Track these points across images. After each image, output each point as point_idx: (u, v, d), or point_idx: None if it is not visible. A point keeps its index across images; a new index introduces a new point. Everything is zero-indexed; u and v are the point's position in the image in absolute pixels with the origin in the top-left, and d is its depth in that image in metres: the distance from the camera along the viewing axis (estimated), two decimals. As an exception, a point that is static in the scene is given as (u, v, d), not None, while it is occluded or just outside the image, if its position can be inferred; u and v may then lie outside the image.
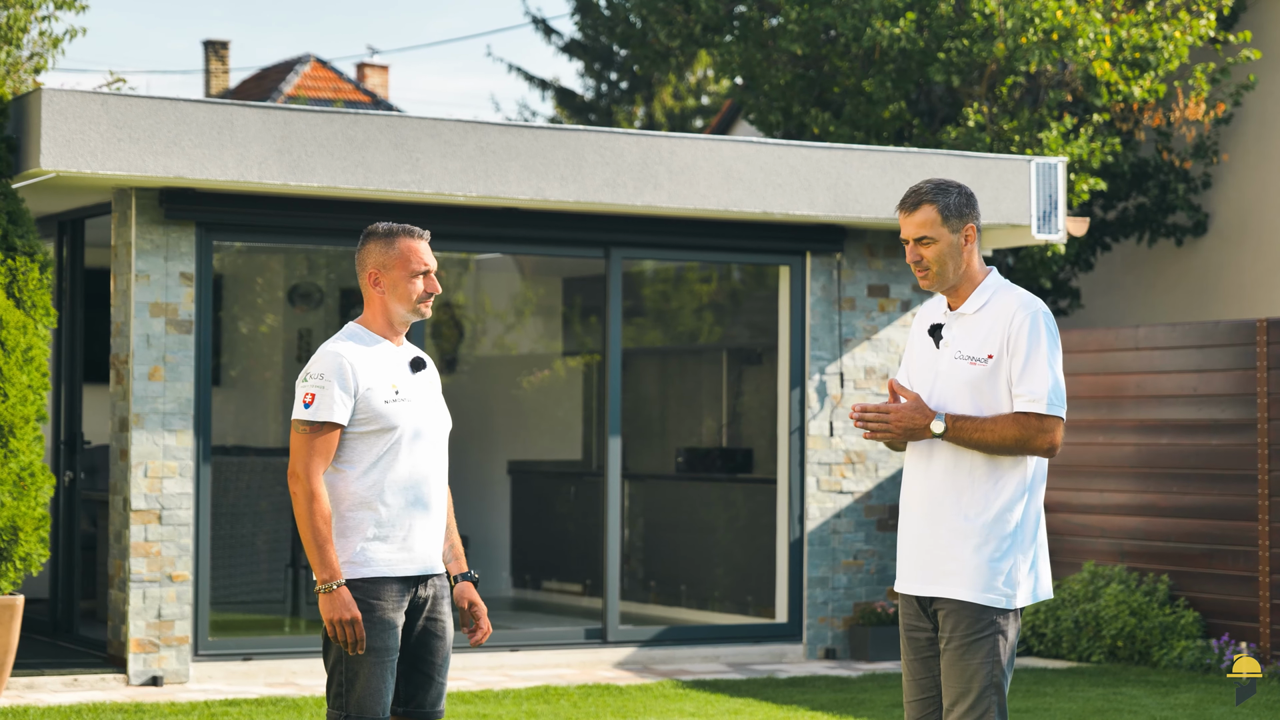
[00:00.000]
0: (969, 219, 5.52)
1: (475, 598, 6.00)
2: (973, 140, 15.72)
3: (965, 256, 5.53)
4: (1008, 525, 5.44)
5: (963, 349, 5.51)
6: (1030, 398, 5.40)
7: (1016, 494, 5.46)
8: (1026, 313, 5.45)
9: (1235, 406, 12.09)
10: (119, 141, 10.62)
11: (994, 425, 5.39)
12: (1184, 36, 15.87)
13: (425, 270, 5.85)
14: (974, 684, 5.41)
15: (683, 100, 30.65)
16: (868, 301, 12.92)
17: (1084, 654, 12.55)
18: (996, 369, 5.46)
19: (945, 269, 5.53)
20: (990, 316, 5.50)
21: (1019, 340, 5.42)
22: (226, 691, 10.79)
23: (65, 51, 16.88)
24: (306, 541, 5.65)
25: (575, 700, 10.63)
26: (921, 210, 5.51)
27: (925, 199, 5.52)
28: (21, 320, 10.51)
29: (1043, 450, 5.41)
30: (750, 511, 13.98)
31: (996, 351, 5.45)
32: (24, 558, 10.35)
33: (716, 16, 17.63)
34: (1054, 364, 5.43)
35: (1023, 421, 5.39)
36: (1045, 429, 5.39)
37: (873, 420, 5.45)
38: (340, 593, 5.61)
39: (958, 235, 5.52)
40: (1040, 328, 5.44)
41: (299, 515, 5.66)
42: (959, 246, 5.52)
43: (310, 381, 5.72)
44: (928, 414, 5.43)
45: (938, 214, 5.50)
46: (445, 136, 11.38)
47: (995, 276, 5.58)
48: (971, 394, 5.48)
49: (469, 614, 5.97)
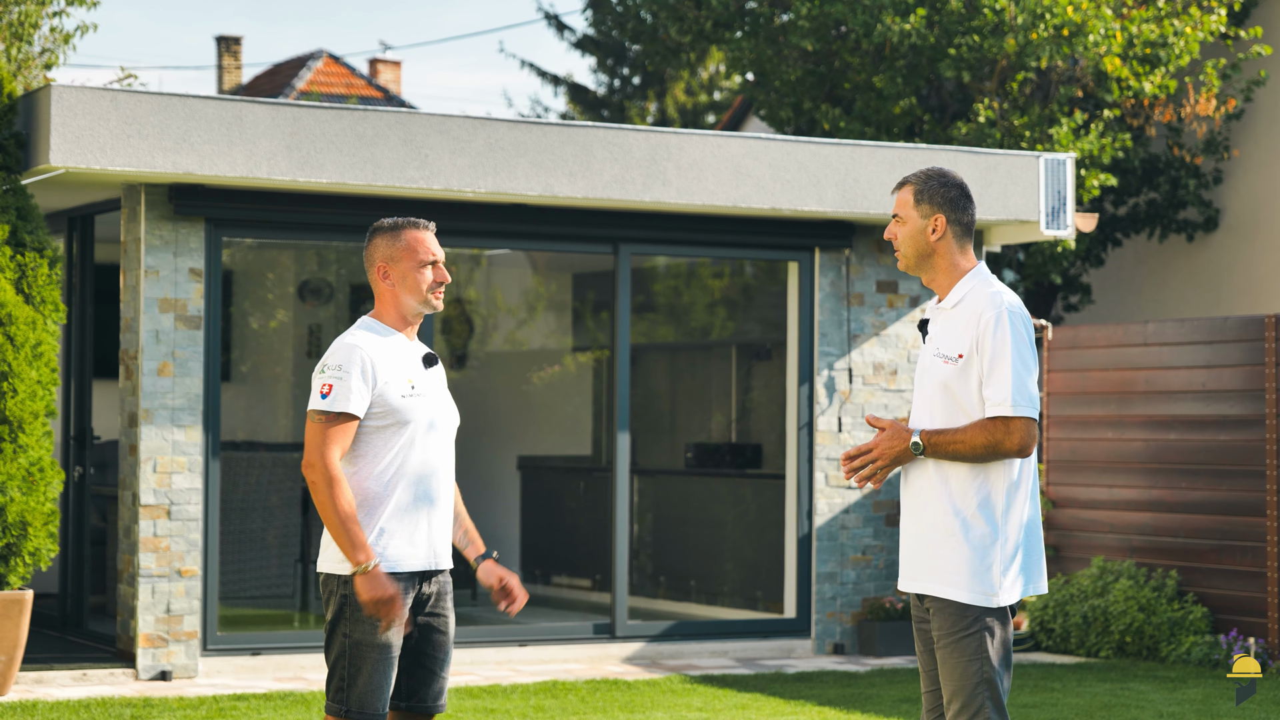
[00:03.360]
0: (940, 210, 5.52)
1: (503, 571, 5.99)
2: (983, 136, 15.71)
3: (932, 244, 5.54)
4: (990, 522, 5.42)
5: (940, 346, 5.51)
6: (994, 401, 5.36)
7: (1000, 491, 5.44)
8: (992, 311, 5.41)
9: (1244, 402, 12.08)
10: (128, 138, 10.64)
11: (964, 435, 5.38)
12: (1195, 32, 15.86)
13: (433, 260, 5.87)
14: (964, 682, 5.41)
15: (695, 96, 30.66)
16: (876, 297, 12.92)
17: (1092, 649, 12.54)
18: (967, 368, 5.43)
19: (908, 250, 5.58)
20: (964, 314, 5.48)
21: (985, 340, 5.39)
22: (235, 686, 10.81)
23: (76, 47, 16.93)
24: (333, 526, 5.61)
25: (583, 695, 10.64)
26: (903, 189, 5.59)
27: (909, 180, 5.59)
28: (31, 316, 10.54)
29: (1014, 452, 5.37)
30: (759, 507, 13.99)
31: (966, 351, 5.43)
32: (33, 553, 10.38)
33: (727, 12, 17.63)
34: (1020, 363, 5.37)
35: (989, 428, 5.36)
36: (1011, 431, 5.35)
37: (860, 465, 5.46)
38: (377, 572, 5.61)
39: (925, 221, 5.53)
40: (1005, 326, 5.38)
41: (321, 503, 5.63)
42: (924, 233, 5.53)
43: (328, 372, 5.73)
44: (905, 436, 5.42)
45: (912, 196, 5.56)
46: (454, 133, 11.40)
47: (977, 272, 5.55)
48: (944, 394, 5.47)
49: (502, 589, 5.96)
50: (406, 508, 5.77)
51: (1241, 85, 16.62)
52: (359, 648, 5.70)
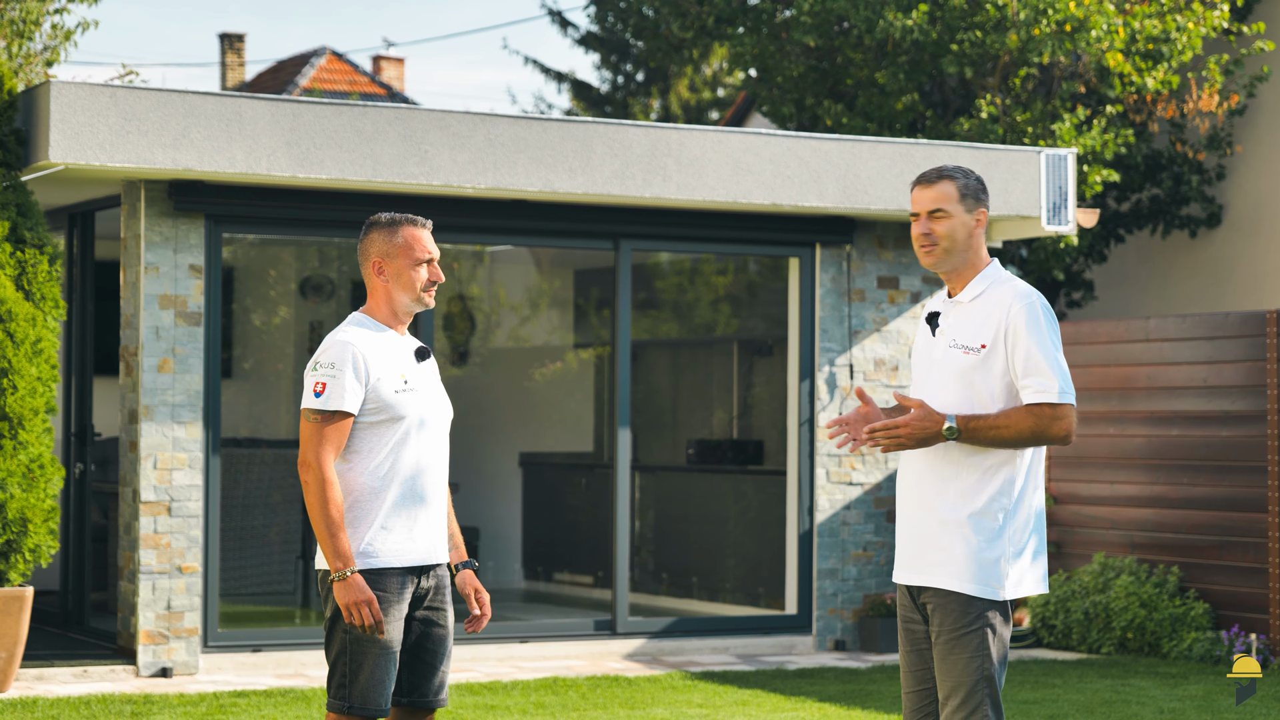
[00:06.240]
0: (983, 204, 5.58)
1: (478, 585, 6.02)
2: (986, 132, 15.70)
3: (973, 241, 5.56)
4: (996, 516, 5.42)
5: (957, 338, 5.52)
6: (1038, 388, 5.38)
7: (1006, 484, 5.44)
8: (1023, 304, 5.44)
9: (1246, 398, 12.07)
10: (128, 134, 10.64)
11: (1007, 420, 5.37)
12: (1197, 28, 15.84)
13: (429, 258, 5.88)
14: (964, 679, 5.40)
15: (699, 93, 30.64)
16: (877, 293, 12.91)
17: (1094, 646, 12.53)
18: (988, 359, 5.45)
19: (954, 246, 5.54)
20: (986, 306, 5.50)
21: (1018, 332, 5.41)
22: (236, 683, 10.81)
23: (77, 44, 16.93)
24: (319, 529, 5.63)
25: (584, 691, 10.64)
26: (942, 184, 5.55)
27: (947, 174, 5.57)
28: (31, 312, 10.54)
29: (1059, 438, 5.39)
30: (760, 503, 13.98)
31: (990, 341, 5.44)
32: (33, 549, 10.39)
33: (729, 8, 17.62)
34: (1058, 351, 5.42)
35: (1036, 412, 5.37)
36: (1059, 416, 5.38)
37: (881, 434, 5.42)
38: (354, 579, 5.62)
39: (970, 216, 5.55)
40: (1039, 317, 5.43)
41: (311, 503, 5.65)
42: (969, 228, 5.55)
43: (321, 370, 5.73)
44: (937, 419, 5.39)
45: (956, 190, 5.54)
46: (454, 128, 11.39)
47: (995, 267, 5.59)
48: (961, 384, 5.47)
49: (474, 601, 5.98)
50: (404, 502, 5.77)
51: (1244, 81, 16.60)
52: (359, 644, 5.70)
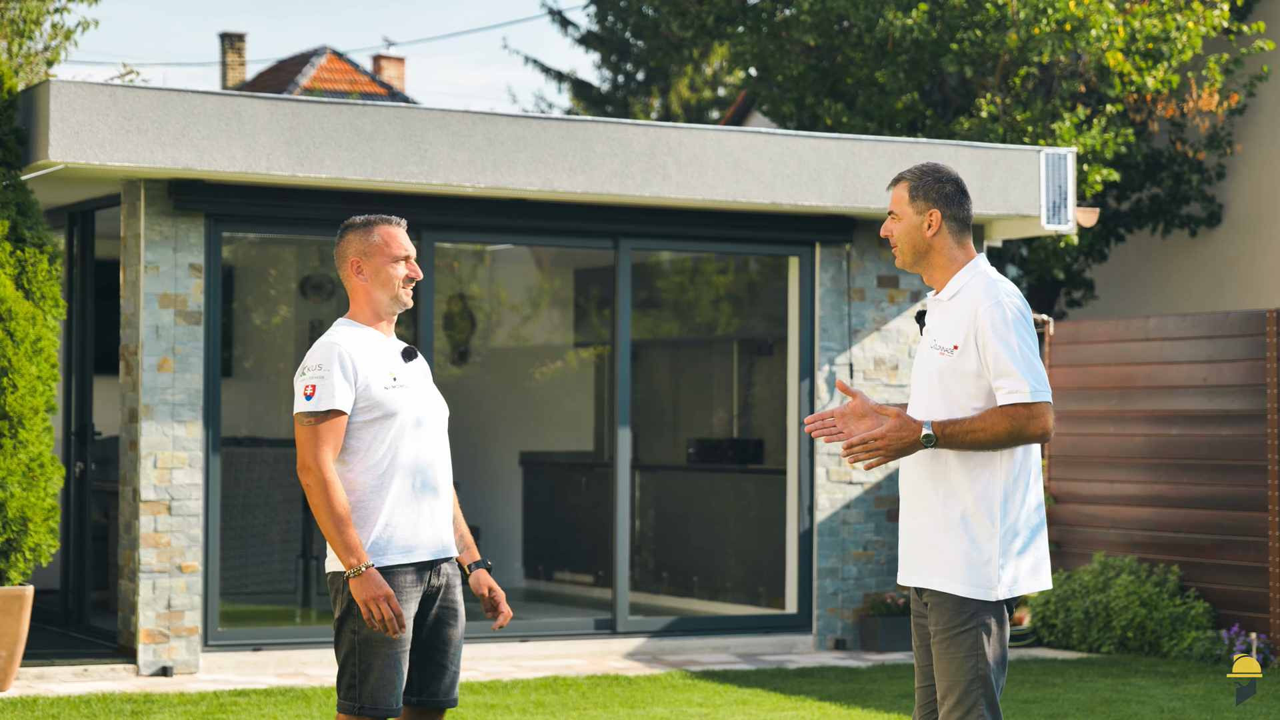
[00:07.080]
0: (934, 205, 5.51)
1: (493, 583, 6.02)
2: (986, 131, 15.70)
3: (935, 240, 5.52)
4: (989, 515, 5.40)
5: (936, 338, 5.50)
6: (1010, 389, 5.33)
7: (999, 484, 5.41)
8: (991, 301, 5.38)
9: (1246, 397, 12.07)
10: (127, 133, 10.64)
11: (983, 423, 5.33)
12: (1197, 27, 15.84)
13: (405, 255, 5.92)
14: (959, 679, 5.39)
15: (699, 92, 30.64)
16: (877, 292, 12.91)
17: (1094, 645, 12.53)
18: (960, 360, 5.41)
19: (909, 246, 5.55)
20: (960, 305, 5.46)
21: (986, 332, 5.36)
22: (236, 682, 10.82)
23: (78, 43, 16.94)
24: (327, 530, 5.64)
25: (584, 690, 10.64)
26: (898, 186, 5.58)
27: (904, 176, 5.58)
28: (31, 311, 10.54)
29: (1037, 437, 5.35)
30: (761, 502, 13.99)
31: (961, 342, 5.40)
32: (33, 548, 10.39)
33: (729, 7, 17.62)
34: (1028, 349, 5.36)
35: (1011, 413, 5.33)
36: (1034, 415, 5.33)
37: (859, 449, 5.37)
38: (370, 574, 5.62)
39: (920, 217, 5.53)
40: (1006, 316, 5.36)
41: (315, 505, 5.66)
42: (919, 229, 5.52)
43: (309, 374, 5.75)
44: (914, 428, 5.35)
45: (906, 192, 5.55)
46: (453, 127, 11.39)
47: (974, 264, 5.53)
48: (940, 385, 5.45)
49: (489, 600, 5.99)
50: (406, 499, 5.78)
51: (1244, 80, 16.60)
52: (369, 644, 5.70)
